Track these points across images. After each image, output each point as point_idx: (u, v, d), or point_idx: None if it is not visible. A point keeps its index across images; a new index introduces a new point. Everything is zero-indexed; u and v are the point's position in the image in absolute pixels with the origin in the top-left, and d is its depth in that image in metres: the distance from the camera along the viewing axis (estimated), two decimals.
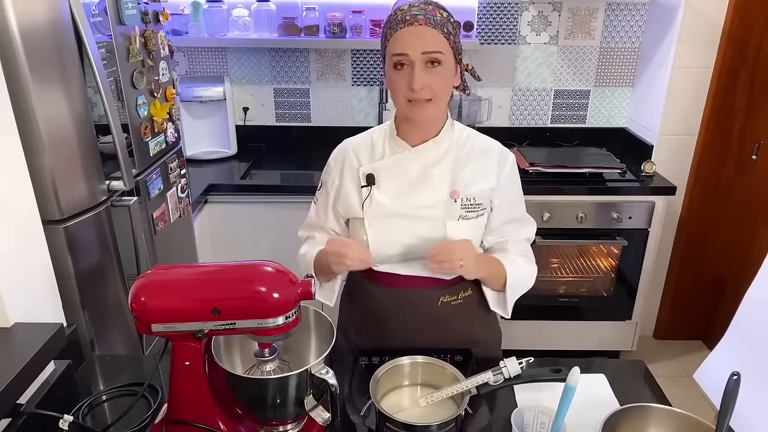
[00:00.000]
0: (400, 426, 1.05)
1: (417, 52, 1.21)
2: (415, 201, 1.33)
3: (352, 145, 1.41)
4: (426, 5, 1.25)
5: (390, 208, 1.33)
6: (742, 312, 1.14)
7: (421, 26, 1.21)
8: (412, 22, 1.21)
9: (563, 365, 1.14)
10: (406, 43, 1.22)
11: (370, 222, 1.34)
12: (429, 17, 1.22)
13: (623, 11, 2.77)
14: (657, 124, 2.65)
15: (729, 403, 0.94)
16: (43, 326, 1.08)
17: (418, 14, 1.22)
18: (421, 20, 1.21)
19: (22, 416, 1.01)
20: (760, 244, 2.52)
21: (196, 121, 2.77)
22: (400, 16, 1.23)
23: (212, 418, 1.01)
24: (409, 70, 1.23)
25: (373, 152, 1.38)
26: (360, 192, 1.36)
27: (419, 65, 1.22)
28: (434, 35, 1.22)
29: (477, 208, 1.34)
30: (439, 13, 1.25)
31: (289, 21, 2.64)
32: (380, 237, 1.34)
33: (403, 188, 1.34)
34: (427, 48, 1.22)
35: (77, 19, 1.40)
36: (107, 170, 1.57)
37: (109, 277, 1.63)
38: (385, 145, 1.37)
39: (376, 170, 1.35)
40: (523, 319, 2.63)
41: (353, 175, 1.37)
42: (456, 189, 1.33)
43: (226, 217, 2.51)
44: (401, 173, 1.34)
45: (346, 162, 1.39)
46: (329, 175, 1.42)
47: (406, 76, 1.23)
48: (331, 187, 1.41)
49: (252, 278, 0.96)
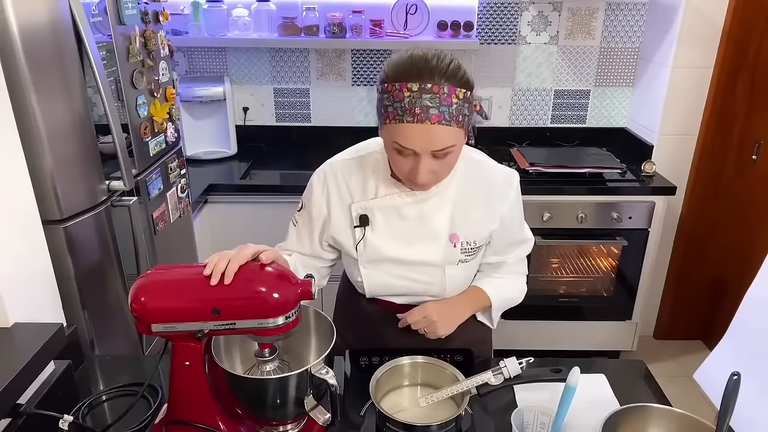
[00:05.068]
0: (400, 426, 1.05)
1: (425, 150, 1.07)
2: (412, 248, 1.26)
3: (340, 171, 1.27)
4: (441, 85, 1.03)
5: (385, 253, 1.26)
6: (742, 312, 1.14)
7: (433, 125, 1.03)
8: (423, 119, 1.02)
9: (563, 365, 1.14)
10: (413, 140, 1.06)
11: (365, 264, 1.29)
12: (443, 111, 1.03)
13: (623, 11, 2.77)
14: (657, 124, 2.65)
15: (729, 403, 0.94)
16: (43, 326, 1.08)
17: (431, 107, 1.02)
18: (434, 117, 1.02)
19: (22, 416, 1.01)
20: (760, 244, 2.51)
21: (196, 121, 2.77)
22: (407, 103, 1.03)
23: (212, 418, 1.01)
24: (412, 159, 1.09)
25: (365, 187, 1.25)
26: (352, 230, 1.27)
27: (426, 157, 1.08)
28: (447, 131, 1.05)
29: (476, 250, 1.30)
30: (455, 98, 1.04)
31: (289, 21, 2.64)
32: (375, 279, 1.30)
33: (399, 233, 1.25)
34: (436, 147, 1.06)
35: (77, 19, 1.40)
36: (107, 170, 1.57)
37: (109, 277, 1.63)
38: (378, 181, 1.24)
39: (370, 210, 1.24)
40: (523, 319, 2.63)
41: (344, 210, 1.26)
42: (456, 233, 1.25)
43: (226, 217, 2.51)
44: (397, 216, 1.24)
45: (334, 190, 1.27)
46: (312, 200, 1.29)
47: (409, 163, 1.10)
48: (317, 217, 1.29)
49: (252, 278, 0.96)
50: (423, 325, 1.28)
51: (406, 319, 1.30)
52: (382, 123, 1.10)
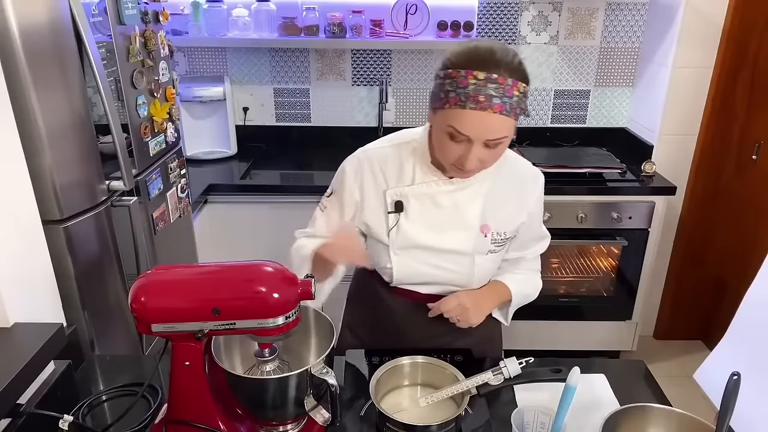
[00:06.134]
0: (400, 426, 1.05)
1: (480, 137, 1.09)
2: (444, 236, 1.27)
3: (376, 157, 1.28)
4: (506, 77, 1.06)
5: (417, 240, 1.27)
6: (742, 312, 1.14)
7: (494, 114, 1.06)
8: (485, 107, 1.05)
9: (563, 365, 1.14)
10: (471, 127, 1.08)
11: (396, 251, 1.29)
12: (505, 102, 1.05)
13: (623, 11, 2.77)
14: (657, 124, 2.65)
15: (729, 403, 0.94)
16: (43, 326, 1.08)
17: (494, 96, 1.05)
18: (496, 106, 1.05)
19: (22, 416, 1.01)
20: (760, 244, 2.51)
21: (196, 121, 2.77)
22: (472, 89, 1.05)
23: (212, 418, 1.01)
24: (464, 146, 1.11)
25: (401, 173, 1.26)
26: (385, 216, 1.28)
27: (478, 145, 1.10)
28: (505, 122, 1.08)
29: (506, 241, 1.33)
30: (516, 90, 1.07)
31: (289, 21, 2.64)
32: (404, 267, 1.31)
33: (433, 220, 1.27)
34: (492, 136, 1.09)
35: (77, 19, 1.40)
36: (107, 170, 1.57)
37: (109, 277, 1.63)
38: (416, 168, 1.26)
39: (405, 196, 1.26)
40: (523, 319, 2.62)
41: (378, 196, 1.28)
42: (487, 223, 1.28)
43: (226, 217, 2.51)
44: (432, 204, 1.26)
45: (369, 177, 1.28)
46: (345, 185, 1.29)
47: (460, 149, 1.12)
48: (349, 201, 1.30)
49: (252, 278, 0.96)
50: (457, 312, 1.29)
51: (439, 307, 1.30)
52: (439, 107, 1.11)
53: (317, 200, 1.38)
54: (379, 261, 1.34)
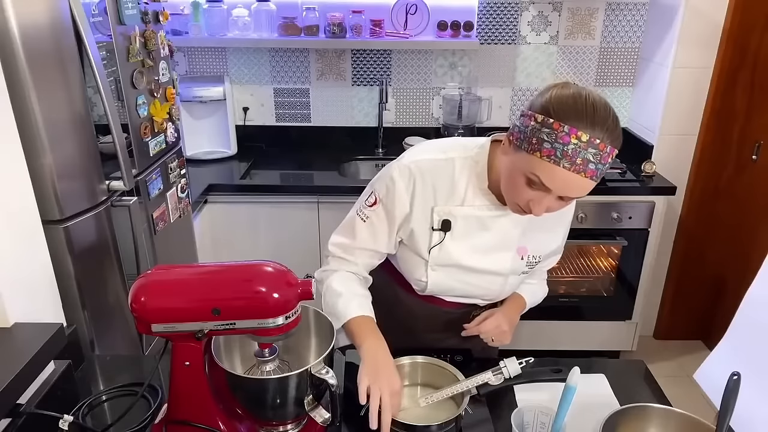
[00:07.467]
0: (400, 426, 1.05)
1: (561, 193, 1.05)
2: (485, 257, 1.26)
3: (428, 170, 1.20)
4: (607, 144, 1.00)
5: (459, 260, 1.25)
6: (742, 312, 1.14)
7: (585, 178, 1.01)
8: (579, 171, 1.00)
9: (563, 365, 1.14)
10: (556, 184, 1.03)
11: (434, 267, 1.27)
12: (599, 168, 1.01)
13: (623, 11, 2.77)
14: (657, 124, 2.65)
15: (729, 403, 0.94)
16: (43, 326, 1.08)
17: (591, 162, 0.99)
18: (590, 171, 1.00)
19: (22, 416, 1.01)
20: (760, 244, 2.52)
21: (196, 121, 2.77)
22: (571, 150, 0.98)
23: (212, 418, 1.01)
24: (539, 193, 1.06)
25: (452, 191, 1.20)
26: (429, 232, 1.23)
27: (553, 197, 1.06)
28: (590, 185, 1.04)
29: (538, 263, 1.34)
30: (611, 158, 1.03)
31: (289, 21, 2.64)
32: (440, 282, 1.29)
33: (477, 242, 1.24)
34: (574, 195, 1.06)
35: (77, 19, 1.40)
36: (107, 170, 1.57)
37: (109, 277, 1.63)
38: (468, 188, 1.20)
39: (453, 216, 1.21)
40: (523, 319, 2.61)
41: (425, 211, 1.22)
42: (525, 246, 1.27)
43: (226, 217, 2.51)
44: (478, 226, 1.23)
45: (420, 191, 1.21)
46: (396, 198, 1.21)
47: (532, 195, 1.07)
48: (399, 214, 1.23)
49: (252, 278, 0.96)
50: (495, 334, 1.32)
51: (479, 329, 1.32)
52: (527, 151, 1.03)
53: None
54: (413, 272, 1.31)
